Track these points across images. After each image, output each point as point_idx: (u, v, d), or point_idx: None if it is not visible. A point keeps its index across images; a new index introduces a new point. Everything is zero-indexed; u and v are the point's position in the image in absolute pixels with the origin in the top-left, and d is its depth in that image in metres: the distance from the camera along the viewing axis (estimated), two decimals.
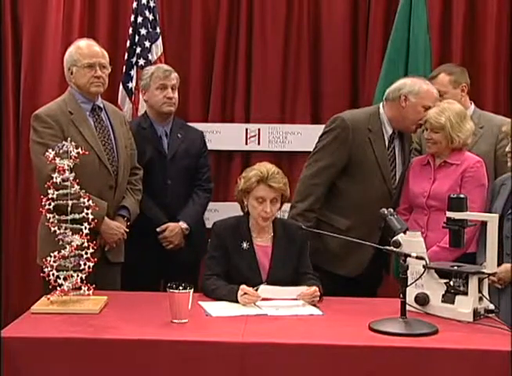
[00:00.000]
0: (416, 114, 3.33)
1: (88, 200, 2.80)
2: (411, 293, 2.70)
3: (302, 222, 3.20)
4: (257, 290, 2.85)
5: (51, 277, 2.75)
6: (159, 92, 3.62)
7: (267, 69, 4.38)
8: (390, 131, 3.42)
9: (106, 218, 3.21)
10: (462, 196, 2.82)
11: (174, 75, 3.68)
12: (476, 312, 2.67)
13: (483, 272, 2.73)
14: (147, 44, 4.21)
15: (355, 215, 3.37)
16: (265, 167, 3.02)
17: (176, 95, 3.67)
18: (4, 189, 4.48)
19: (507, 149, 3.09)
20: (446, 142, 3.25)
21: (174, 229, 3.60)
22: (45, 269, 2.76)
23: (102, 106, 3.36)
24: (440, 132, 3.24)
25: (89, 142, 3.18)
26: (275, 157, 3.93)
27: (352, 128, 3.36)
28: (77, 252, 2.77)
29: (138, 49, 4.21)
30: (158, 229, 3.58)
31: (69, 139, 2.88)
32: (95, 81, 3.25)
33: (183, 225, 3.63)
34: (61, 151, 2.80)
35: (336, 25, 4.38)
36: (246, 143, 4.41)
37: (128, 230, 3.33)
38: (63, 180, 2.78)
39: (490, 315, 2.71)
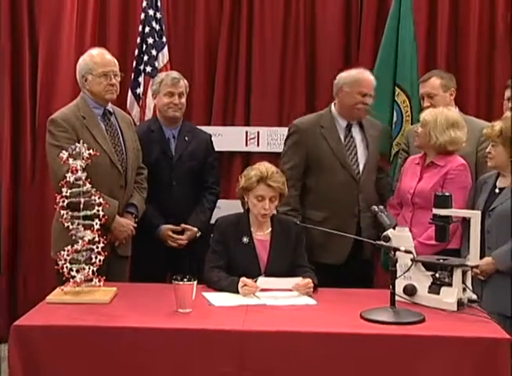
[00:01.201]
0: (353, 99, 3.42)
1: (99, 198, 2.80)
2: (400, 284, 2.69)
3: None
4: (256, 281, 2.85)
5: (64, 270, 2.75)
6: (166, 98, 3.59)
7: (265, 76, 4.38)
8: (344, 123, 3.49)
9: (116, 215, 3.19)
10: (447, 194, 2.81)
11: (183, 82, 3.64)
12: (460, 302, 2.66)
13: (466, 265, 2.72)
14: (154, 52, 4.20)
15: (326, 206, 3.41)
16: (265, 167, 3.02)
17: (183, 101, 3.63)
18: (21, 189, 4.49)
19: (487, 150, 3.09)
20: (424, 139, 3.27)
21: (189, 236, 3.58)
22: (59, 262, 2.76)
23: (112, 110, 3.35)
24: (423, 128, 3.26)
25: (101, 145, 3.17)
26: (273, 158, 3.90)
27: (304, 129, 3.48)
28: (88, 246, 2.77)
29: (146, 57, 4.20)
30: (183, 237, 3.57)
31: (81, 141, 2.87)
32: (110, 89, 3.25)
33: (198, 232, 3.60)
34: (74, 152, 2.79)
35: (330, 37, 4.37)
36: (247, 145, 4.40)
37: (136, 226, 3.31)
38: (76, 179, 2.78)
39: (473, 304, 2.70)
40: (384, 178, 3.69)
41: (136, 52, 4.22)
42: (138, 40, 4.22)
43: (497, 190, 3.12)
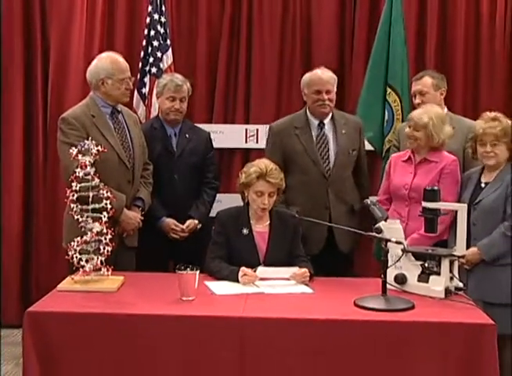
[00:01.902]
0: (311, 99, 3.49)
1: (106, 192, 2.80)
2: (391, 273, 2.69)
3: None
4: (255, 271, 2.85)
5: (74, 260, 2.75)
6: (168, 102, 3.58)
7: (264, 76, 4.36)
8: (316, 122, 3.51)
9: (124, 209, 3.19)
10: (435, 188, 2.81)
11: (186, 87, 3.61)
12: (447, 290, 2.67)
13: (453, 255, 2.73)
14: (159, 54, 4.19)
15: (300, 200, 3.41)
16: (264, 164, 3.01)
17: (184, 105, 3.62)
18: (34, 183, 4.48)
19: (487, 149, 3.05)
20: (426, 140, 3.23)
21: (190, 228, 3.57)
22: (70, 253, 2.76)
23: (119, 109, 3.33)
24: (421, 130, 3.21)
25: (110, 142, 3.16)
26: None
27: (278, 131, 3.55)
28: (97, 238, 2.77)
29: (151, 59, 4.19)
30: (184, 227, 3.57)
31: (90, 138, 2.88)
32: (126, 93, 3.28)
33: (198, 224, 3.60)
34: (83, 149, 2.79)
35: (325, 41, 4.35)
36: (246, 142, 4.39)
37: (142, 218, 3.31)
38: (85, 174, 2.78)
39: (459, 292, 2.71)
40: (365, 183, 3.67)
41: (142, 54, 4.21)
42: (144, 42, 4.20)
43: (482, 185, 3.12)
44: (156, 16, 4.19)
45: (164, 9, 4.23)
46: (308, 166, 3.46)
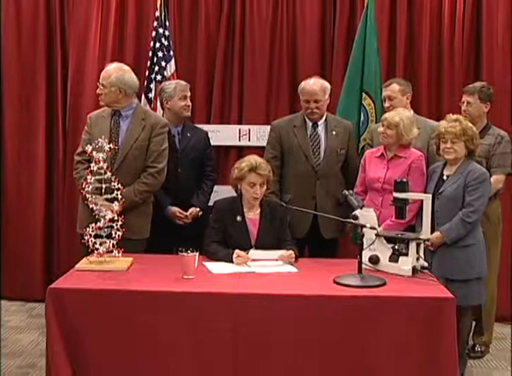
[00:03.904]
0: (303, 106, 3.49)
1: (117, 184, 2.77)
2: (366, 255, 2.68)
3: None
4: (247, 253, 2.83)
5: (90, 243, 2.73)
6: (181, 101, 3.57)
7: (255, 83, 4.32)
8: (310, 123, 3.49)
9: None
10: (405, 180, 2.80)
11: (189, 88, 3.66)
12: (414, 269, 2.67)
13: (420, 239, 2.73)
14: (163, 64, 4.14)
15: (291, 190, 3.40)
16: (254, 159, 2.99)
17: (191, 103, 3.66)
18: (55, 177, 4.45)
19: (447, 145, 3.03)
20: (396, 138, 3.20)
21: (193, 215, 3.55)
22: (85, 237, 2.74)
23: (124, 114, 3.23)
24: (393, 129, 3.19)
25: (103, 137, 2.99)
26: (262, 151, 3.81)
27: (279, 128, 3.54)
28: (109, 224, 2.75)
29: (157, 68, 4.14)
30: (188, 214, 3.54)
31: (103, 137, 2.85)
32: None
33: (199, 211, 3.57)
34: (97, 146, 2.76)
35: (308, 54, 4.30)
36: (239, 140, 4.34)
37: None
38: (99, 168, 2.75)
39: (424, 270, 2.71)
40: (353, 180, 3.58)
41: (148, 63, 4.17)
42: (150, 53, 4.16)
43: (444, 177, 3.10)
44: (160, 31, 4.16)
45: (167, 24, 4.21)
46: (301, 160, 3.43)
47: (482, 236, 3.06)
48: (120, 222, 2.74)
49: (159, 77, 4.13)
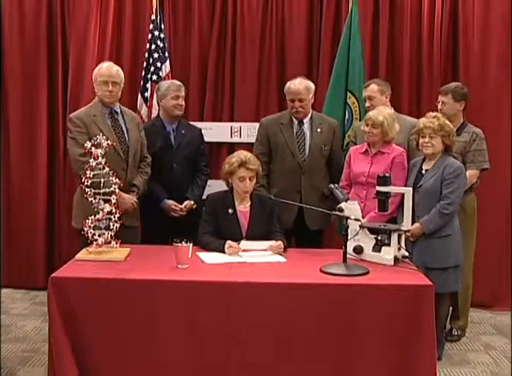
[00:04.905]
0: (288, 105, 3.46)
1: (115, 178, 2.74)
2: (350, 245, 2.68)
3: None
4: (239, 244, 2.81)
5: (89, 234, 2.71)
6: (173, 100, 3.52)
7: (246, 83, 4.28)
8: (296, 121, 3.47)
9: (120, 191, 3.03)
10: (387, 175, 2.79)
11: (183, 89, 3.60)
12: (396, 258, 2.66)
13: (401, 230, 2.72)
14: (159, 64, 4.10)
15: (278, 184, 3.40)
16: (243, 154, 2.96)
17: (184, 103, 3.60)
18: (56, 173, 4.41)
19: (426, 140, 3.03)
20: (381, 136, 3.19)
21: (187, 208, 3.50)
22: (85, 229, 2.71)
23: (118, 111, 3.26)
24: (378, 128, 3.17)
25: (107, 136, 2.98)
26: (252, 147, 3.84)
27: (267, 125, 3.51)
28: (107, 216, 2.72)
29: (152, 68, 4.10)
30: (183, 206, 3.49)
31: (101, 133, 2.82)
32: (107, 94, 3.18)
33: (194, 204, 3.53)
34: (96, 143, 2.73)
35: (296, 55, 4.27)
36: (231, 137, 4.31)
37: (137, 201, 3.23)
38: (97, 164, 2.72)
39: (405, 260, 2.71)
40: (337, 175, 3.56)
41: (144, 64, 4.13)
42: (146, 55, 4.12)
43: (423, 172, 3.10)
44: (156, 33, 4.11)
45: (163, 26, 4.17)
46: (287, 156, 3.41)
47: (459, 227, 3.07)
48: (117, 215, 2.72)
49: (155, 78, 4.09)
